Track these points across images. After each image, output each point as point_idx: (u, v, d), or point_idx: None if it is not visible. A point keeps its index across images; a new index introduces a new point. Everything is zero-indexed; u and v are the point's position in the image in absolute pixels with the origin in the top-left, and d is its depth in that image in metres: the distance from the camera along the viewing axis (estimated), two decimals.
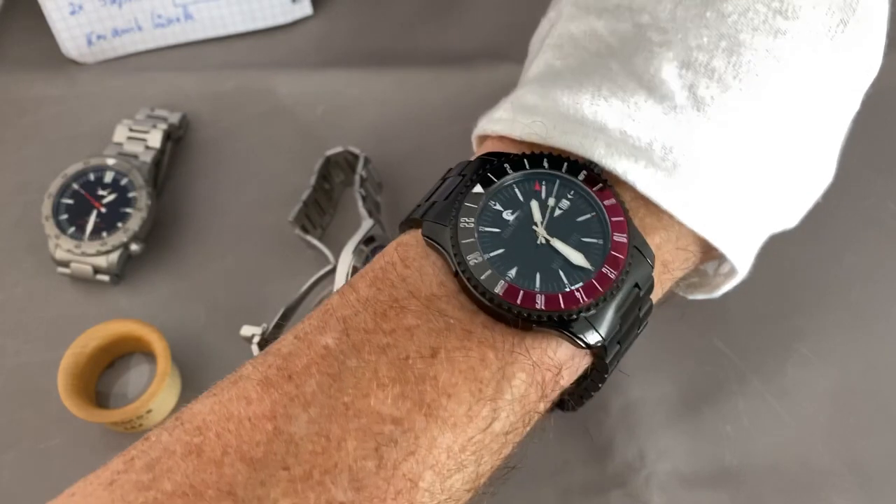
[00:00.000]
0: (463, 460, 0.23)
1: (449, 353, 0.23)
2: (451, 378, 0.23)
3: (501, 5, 0.50)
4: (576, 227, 0.25)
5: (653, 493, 0.36)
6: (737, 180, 0.27)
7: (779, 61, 0.27)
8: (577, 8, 0.30)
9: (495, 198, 0.26)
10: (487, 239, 0.25)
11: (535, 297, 0.24)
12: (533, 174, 0.26)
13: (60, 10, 0.46)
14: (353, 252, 0.36)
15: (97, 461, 0.37)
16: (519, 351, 0.24)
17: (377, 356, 0.23)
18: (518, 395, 0.24)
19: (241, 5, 0.48)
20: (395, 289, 0.25)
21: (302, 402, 0.22)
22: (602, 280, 0.24)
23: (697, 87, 0.27)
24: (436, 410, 0.23)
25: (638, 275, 0.25)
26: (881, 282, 0.40)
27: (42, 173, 0.43)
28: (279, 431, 0.22)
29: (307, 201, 0.41)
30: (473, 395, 0.23)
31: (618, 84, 0.27)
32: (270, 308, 0.38)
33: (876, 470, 0.36)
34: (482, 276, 0.24)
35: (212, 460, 0.22)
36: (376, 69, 0.48)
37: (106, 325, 0.38)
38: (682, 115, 0.27)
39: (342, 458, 0.22)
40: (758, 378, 0.38)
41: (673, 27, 0.28)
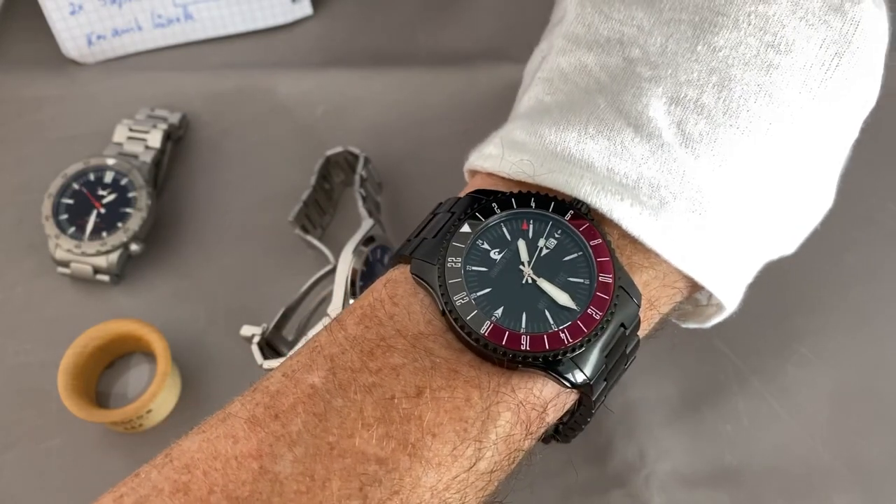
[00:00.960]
0: (447, 499, 0.23)
1: (434, 393, 0.23)
2: (436, 418, 0.23)
3: (501, 5, 0.50)
4: (562, 266, 0.25)
5: (653, 493, 0.36)
6: (726, 216, 0.27)
7: (771, 97, 0.27)
8: (567, 41, 0.30)
9: (483, 237, 0.26)
10: (474, 278, 0.25)
11: (521, 338, 0.24)
12: (520, 213, 0.26)
13: (60, 10, 0.46)
14: (353, 252, 0.36)
15: (97, 461, 0.38)
16: (504, 391, 0.24)
17: (363, 396, 0.23)
18: (503, 434, 0.24)
19: (241, 5, 0.48)
20: (382, 327, 0.25)
21: (288, 442, 0.23)
22: (587, 321, 0.24)
23: (686, 124, 0.27)
24: (420, 450, 0.23)
25: (624, 315, 0.25)
26: (881, 282, 0.40)
27: (42, 173, 0.43)
28: (265, 471, 0.22)
29: (307, 201, 0.41)
30: (458, 435, 0.23)
31: (605, 122, 0.27)
32: (270, 308, 0.38)
33: (876, 470, 0.36)
34: (468, 317, 0.24)
35: (198, 499, 0.22)
36: (376, 69, 0.48)
37: (106, 325, 0.38)
38: (670, 154, 0.27)
39: (326, 498, 0.22)
40: (758, 378, 0.38)
41: (663, 62, 0.28)
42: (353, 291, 0.35)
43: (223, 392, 0.39)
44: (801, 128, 0.28)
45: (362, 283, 0.36)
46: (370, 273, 0.37)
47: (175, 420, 0.39)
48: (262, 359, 0.36)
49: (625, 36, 0.29)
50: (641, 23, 0.29)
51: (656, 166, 0.27)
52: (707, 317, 0.31)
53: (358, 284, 0.36)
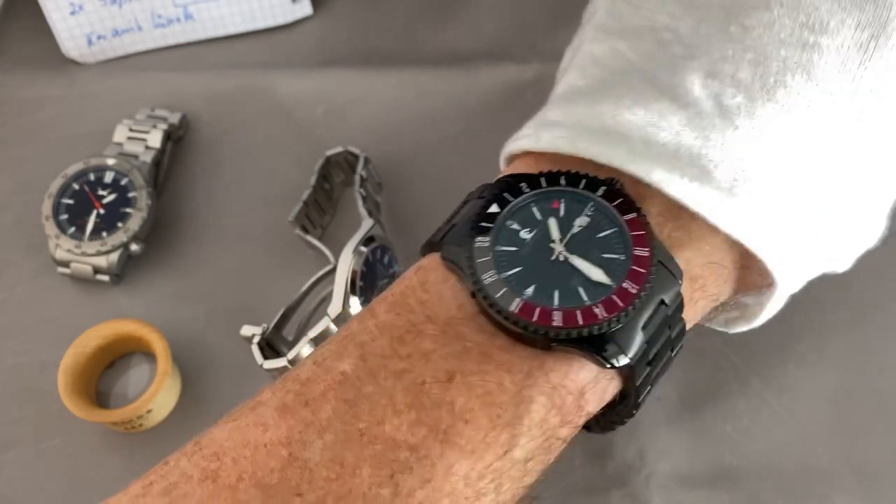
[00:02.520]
0: (481, 489, 0.23)
1: (465, 378, 0.23)
2: (468, 403, 0.23)
3: (501, 5, 0.50)
4: (596, 243, 0.25)
5: (653, 493, 0.36)
6: (771, 192, 0.26)
7: (809, 74, 0.26)
8: (599, 31, 0.30)
9: (512, 217, 0.25)
10: (504, 258, 0.24)
11: (552, 313, 0.23)
12: (550, 192, 0.26)
13: (60, 10, 0.46)
14: (353, 252, 0.36)
15: (97, 461, 0.38)
16: (538, 374, 0.23)
17: (393, 382, 0.23)
18: (537, 419, 0.23)
19: (241, 5, 0.48)
20: (412, 313, 0.24)
21: (317, 429, 0.22)
22: (622, 295, 0.23)
23: (723, 97, 0.26)
24: (452, 437, 0.22)
25: (664, 291, 0.24)
26: (881, 282, 0.40)
27: (42, 173, 0.43)
28: (294, 458, 0.22)
29: (307, 201, 0.41)
30: (491, 421, 0.23)
31: (640, 94, 0.27)
32: (270, 308, 0.38)
33: (876, 470, 0.36)
34: (497, 295, 0.23)
35: (227, 486, 0.22)
36: (376, 69, 0.48)
37: (106, 325, 0.38)
38: (709, 122, 0.26)
39: (356, 486, 0.21)
40: (758, 378, 0.38)
41: (696, 42, 0.27)
42: (353, 291, 0.35)
43: (223, 392, 0.39)
44: (843, 112, 0.27)
45: (362, 283, 0.36)
46: (370, 273, 0.37)
47: (175, 420, 0.39)
48: (262, 359, 0.36)
49: (656, 23, 0.28)
50: (672, 10, 0.28)
51: (695, 134, 0.26)
52: (753, 315, 0.30)
53: (358, 284, 0.35)
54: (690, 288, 0.26)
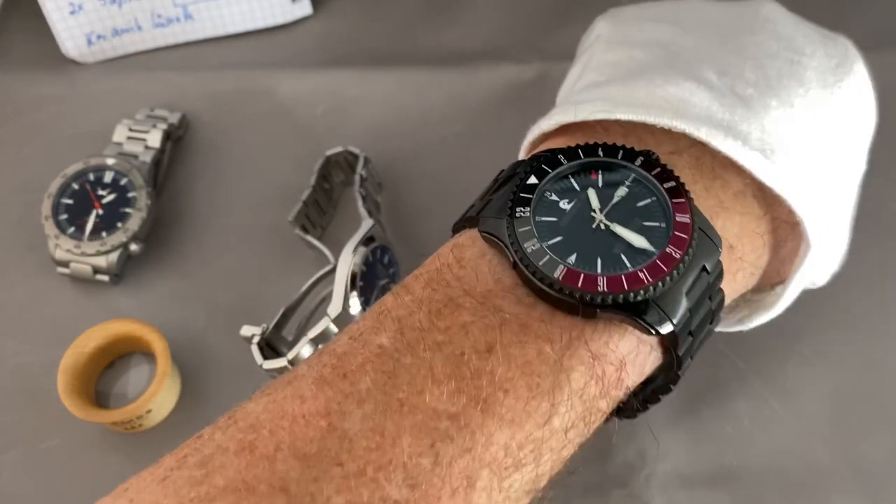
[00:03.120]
0: (521, 458, 0.23)
1: (505, 348, 0.23)
2: (508, 373, 0.23)
3: (501, 5, 0.50)
4: (636, 211, 0.25)
5: (653, 493, 0.36)
6: (796, 162, 0.27)
7: (800, 82, 0.29)
8: (611, 44, 0.31)
9: (551, 188, 0.25)
10: (544, 228, 0.24)
11: (597, 279, 0.23)
12: (588, 163, 0.26)
13: (60, 10, 0.46)
14: (353, 252, 0.36)
15: (97, 461, 0.38)
16: (577, 343, 0.23)
17: (432, 353, 0.23)
18: (577, 389, 0.23)
19: (241, 5, 0.48)
20: (450, 288, 0.24)
21: (356, 399, 0.22)
22: (666, 260, 0.23)
23: (736, 87, 0.28)
24: (492, 406, 0.22)
25: (705, 257, 0.24)
26: (881, 282, 0.40)
27: (42, 173, 0.43)
28: (333, 428, 0.22)
29: (307, 201, 0.41)
30: (531, 390, 0.23)
31: (669, 78, 0.28)
32: (270, 308, 0.38)
33: (876, 470, 0.36)
34: (541, 262, 0.23)
35: (264, 456, 0.21)
36: (376, 69, 0.48)
37: (106, 325, 0.38)
38: (733, 101, 0.27)
39: (397, 455, 0.21)
40: (758, 378, 0.38)
41: (701, 53, 0.29)
42: (352, 291, 0.35)
43: (223, 392, 0.39)
44: (826, 123, 0.29)
45: (362, 282, 0.36)
46: (370, 273, 0.37)
47: (175, 420, 0.39)
48: (262, 359, 0.36)
49: (660, 39, 0.30)
50: (672, 31, 0.31)
51: (722, 109, 0.27)
52: (771, 302, 0.31)
53: (358, 284, 0.35)
54: (729, 258, 0.27)
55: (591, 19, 0.36)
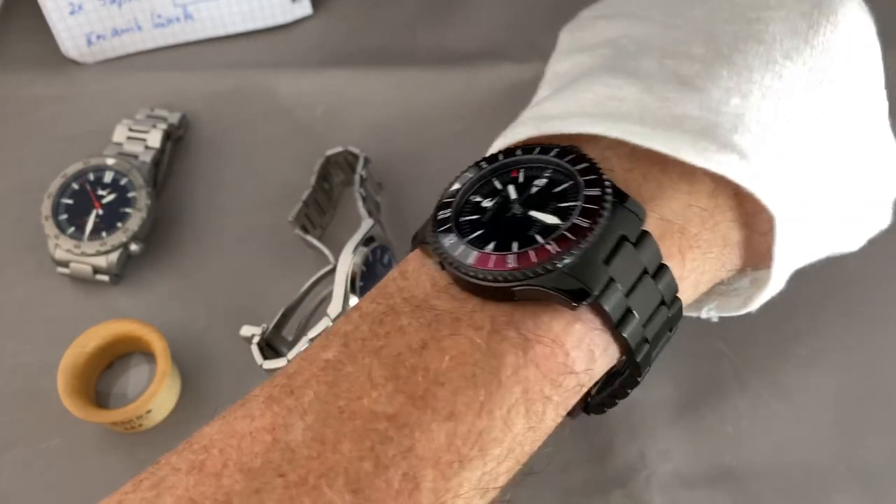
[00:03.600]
0: (465, 453, 0.22)
1: (437, 343, 0.23)
2: (442, 366, 0.23)
3: (501, 5, 0.50)
4: (553, 196, 0.25)
5: (653, 494, 0.36)
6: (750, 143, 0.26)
7: (760, 41, 0.27)
8: (561, 54, 0.33)
9: (475, 192, 0.26)
10: (467, 226, 0.25)
11: (507, 257, 0.24)
12: (507, 163, 0.27)
13: (60, 10, 0.46)
14: (353, 252, 0.36)
15: (97, 461, 0.38)
16: (504, 327, 0.24)
17: (371, 359, 0.23)
18: (511, 373, 0.23)
19: (241, 5, 0.48)
20: (392, 299, 0.25)
21: (300, 412, 0.23)
22: (574, 230, 0.24)
23: (680, 69, 0.27)
24: (429, 401, 0.22)
25: (623, 227, 0.24)
26: (881, 282, 0.40)
27: (42, 173, 0.43)
28: (277, 441, 0.22)
29: (307, 201, 0.41)
30: (466, 380, 0.23)
31: (598, 78, 0.28)
32: (270, 308, 0.38)
33: (877, 470, 0.36)
34: (456, 253, 0.24)
35: (212, 473, 0.22)
36: (376, 69, 0.48)
37: (106, 325, 0.38)
38: (665, 87, 0.27)
39: (338, 461, 0.22)
40: (758, 378, 0.38)
41: (649, 39, 0.29)
42: (352, 291, 0.35)
43: (223, 392, 0.39)
44: (803, 79, 0.27)
45: (362, 283, 0.36)
46: (370, 273, 0.37)
47: (175, 420, 0.39)
48: (262, 359, 0.36)
49: (608, 37, 0.30)
50: (622, 24, 0.31)
51: (652, 98, 0.27)
52: (748, 297, 0.30)
53: (358, 284, 0.35)
54: (672, 235, 0.26)
55: None
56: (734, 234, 0.28)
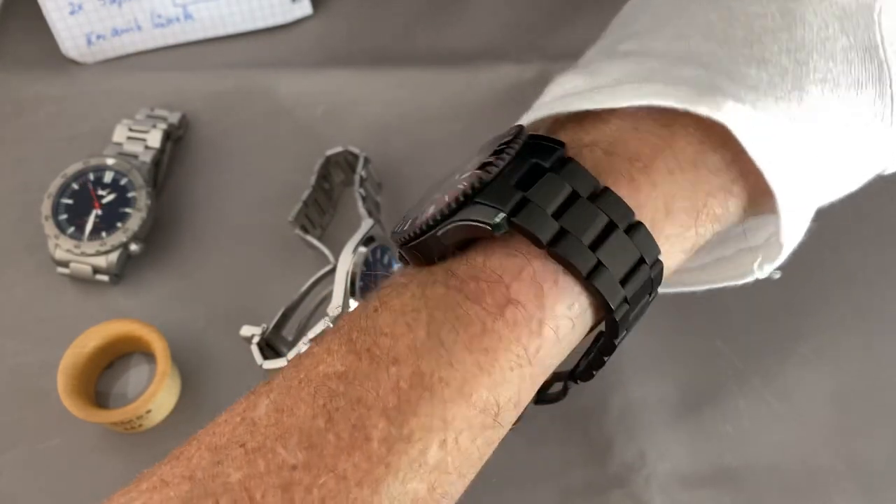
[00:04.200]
0: (413, 396, 0.22)
1: (384, 302, 0.24)
2: (387, 319, 0.24)
3: (501, 5, 0.50)
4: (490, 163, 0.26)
5: (653, 494, 0.36)
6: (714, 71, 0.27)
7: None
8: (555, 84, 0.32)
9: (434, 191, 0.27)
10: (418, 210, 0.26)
11: (430, 208, 0.25)
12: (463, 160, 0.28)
13: (60, 10, 0.46)
14: (353, 252, 0.36)
15: (97, 461, 0.38)
16: (441, 273, 0.24)
17: (332, 335, 0.25)
18: (446, 309, 0.23)
19: (241, 5, 0.48)
20: (370, 297, 0.26)
21: (266, 391, 0.24)
22: (483, 166, 0.24)
23: (624, 47, 0.29)
24: (374, 351, 0.23)
25: (538, 156, 0.24)
26: (881, 282, 0.40)
27: (42, 173, 0.43)
28: (244, 419, 0.23)
29: (307, 201, 0.41)
30: (408, 326, 0.23)
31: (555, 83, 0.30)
32: (270, 308, 0.38)
33: (876, 470, 0.36)
34: (403, 228, 0.26)
35: (185, 457, 0.23)
36: (376, 69, 0.48)
37: (106, 325, 0.38)
38: (603, 65, 0.29)
39: (293, 423, 0.22)
40: (758, 378, 0.38)
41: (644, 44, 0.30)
42: (352, 291, 0.35)
43: (223, 392, 0.39)
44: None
45: (362, 283, 0.36)
46: (370, 273, 0.37)
47: (175, 420, 0.39)
48: (262, 359, 0.36)
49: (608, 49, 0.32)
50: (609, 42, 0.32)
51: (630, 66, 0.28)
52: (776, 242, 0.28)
53: (358, 284, 0.35)
54: (613, 160, 0.26)
55: (590, 19, 0.36)
56: (710, 157, 0.26)
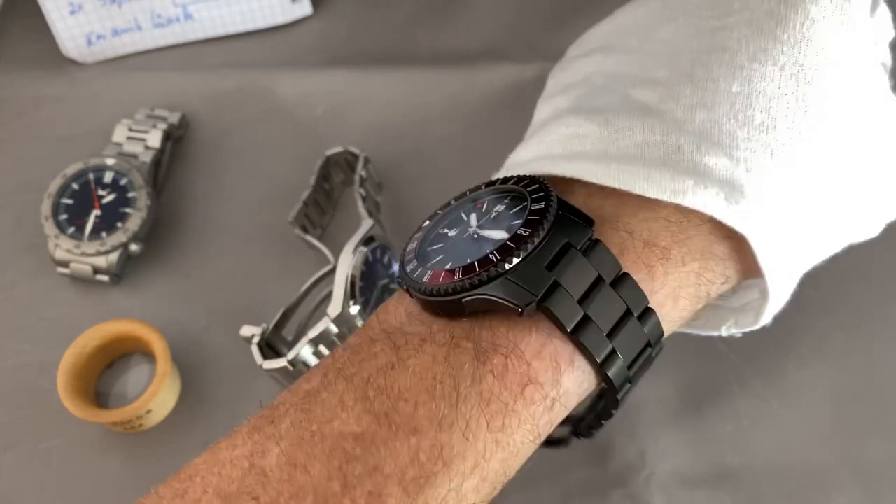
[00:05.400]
0: (430, 469, 0.22)
1: (403, 362, 0.24)
2: (406, 383, 0.23)
3: (501, 5, 0.50)
4: (506, 216, 0.26)
5: (653, 494, 0.36)
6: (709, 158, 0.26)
7: (724, 48, 0.27)
8: (543, 101, 0.33)
9: (442, 224, 0.27)
10: (432, 254, 0.26)
11: (455, 271, 0.24)
12: (473, 196, 0.28)
13: (60, 10, 0.46)
14: (353, 252, 0.36)
15: (97, 461, 0.38)
16: (462, 341, 0.24)
17: (344, 384, 0.24)
18: (470, 383, 0.23)
19: (241, 5, 0.48)
20: (371, 331, 0.26)
21: (276, 438, 0.23)
22: (516, 240, 0.24)
23: (643, 96, 0.28)
24: (392, 417, 0.23)
25: (568, 234, 0.24)
26: (881, 282, 0.40)
27: (42, 173, 0.43)
28: (253, 466, 0.23)
29: (307, 201, 0.41)
30: (428, 394, 0.23)
31: (564, 121, 0.29)
32: (270, 308, 0.38)
33: (876, 470, 0.36)
34: (414, 276, 0.25)
35: (193, 500, 0.23)
36: (376, 69, 0.48)
37: (106, 325, 0.38)
38: (627, 117, 0.27)
39: (307, 482, 0.22)
40: (758, 378, 0.38)
41: (618, 71, 0.30)
42: (352, 291, 0.35)
43: (223, 392, 0.39)
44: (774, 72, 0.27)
45: (362, 283, 0.36)
46: (370, 273, 0.37)
47: (175, 420, 0.39)
48: (262, 359, 0.36)
49: (586, 72, 0.32)
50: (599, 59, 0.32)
51: (611, 130, 0.28)
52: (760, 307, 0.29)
53: (358, 284, 0.35)
54: (635, 247, 0.26)
55: (590, 19, 0.36)
56: (717, 247, 0.27)
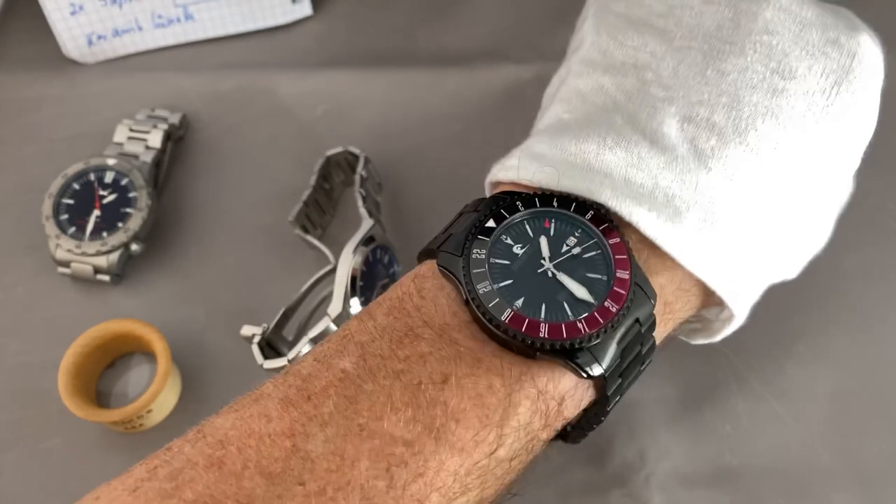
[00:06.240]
0: (468, 484, 0.24)
1: (459, 380, 0.24)
2: (461, 404, 0.24)
3: (501, 5, 0.50)
4: (581, 263, 0.26)
5: (653, 493, 0.36)
6: (735, 228, 0.28)
7: (777, 119, 0.28)
8: (584, 65, 0.31)
9: (507, 232, 0.27)
10: (497, 270, 0.26)
11: (540, 325, 0.25)
12: (542, 212, 0.27)
13: (61, 11, 0.46)
14: (353, 252, 0.36)
15: (97, 461, 0.38)
16: (525, 380, 0.25)
17: (392, 381, 0.24)
18: (523, 422, 0.25)
19: (241, 5, 0.48)
20: (410, 318, 0.26)
21: (319, 422, 0.23)
22: (604, 313, 0.25)
23: (698, 140, 0.28)
24: (445, 434, 0.24)
25: (639, 311, 0.26)
26: (881, 282, 0.40)
27: (42, 173, 0.43)
28: (297, 448, 0.23)
29: (307, 201, 0.41)
30: (480, 421, 0.24)
31: (622, 135, 0.28)
32: (270, 308, 0.38)
33: (876, 470, 0.36)
34: (490, 304, 0.25)
35: (232, 473, 0.23)
36: (376, 69, 0.48)
37: (106, 325, 0.38)
38: (684, 167, 0.28)
39: (355, 477, 0.23)
40: (758, 378, 0.38)
41: (675, 84, 0.29)
42: (353, 291, 0.35)
43: (223, 392, 0.39)
44: (805, 150, 0.29)
45: (362, 283, 0.36)
46: (370, 273, 0.37)
47: (175, 420, 0.39)
48: (263, 359, 0.36)
49: (638, 61, 0.30)
50: (654, 49, 0.30)
51: (671, 177, 0.28)
52: (715, 331, 0.32)
53: (358, 284, 0.36)
54: (662, 310, 0.28)
55: None
56: (699, 300, 0.30)
